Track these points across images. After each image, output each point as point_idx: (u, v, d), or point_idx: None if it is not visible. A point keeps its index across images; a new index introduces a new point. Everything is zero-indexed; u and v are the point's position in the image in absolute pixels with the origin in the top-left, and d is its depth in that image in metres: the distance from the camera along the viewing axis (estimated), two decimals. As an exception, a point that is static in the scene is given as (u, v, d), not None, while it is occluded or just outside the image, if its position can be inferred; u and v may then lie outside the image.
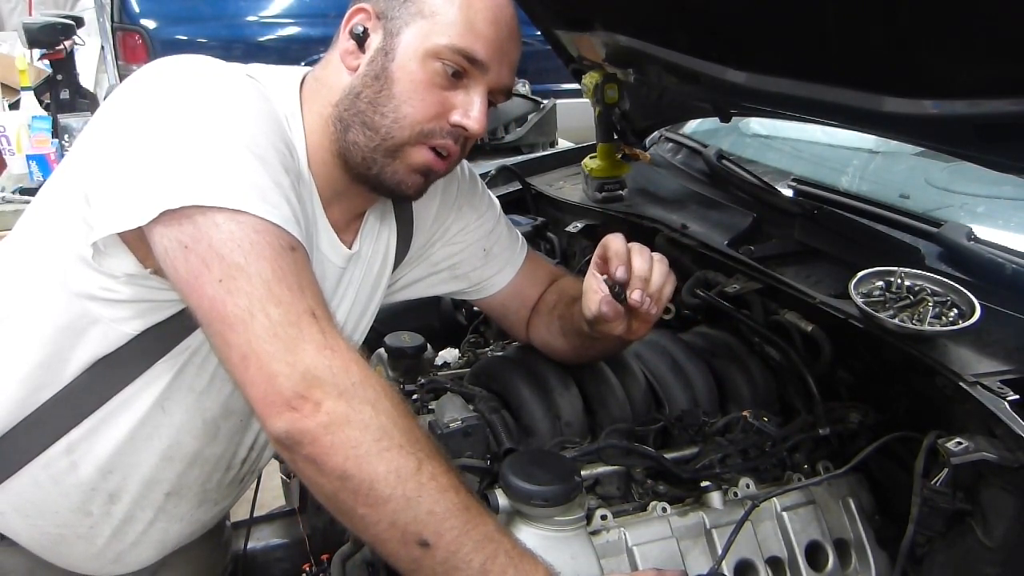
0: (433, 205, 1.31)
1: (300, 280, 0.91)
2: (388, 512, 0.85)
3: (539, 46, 2.14)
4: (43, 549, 1.14)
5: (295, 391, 0.85)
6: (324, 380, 0.86)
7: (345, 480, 0.85)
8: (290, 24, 5.12)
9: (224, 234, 0.89)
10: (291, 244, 0.92)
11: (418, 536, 0.85)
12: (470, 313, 1.86)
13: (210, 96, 0.96)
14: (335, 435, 0.85)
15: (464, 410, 1.25)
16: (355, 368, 0.89)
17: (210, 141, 0.93)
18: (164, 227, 0.90)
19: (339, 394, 0.86)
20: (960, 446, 1.02)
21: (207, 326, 0.91)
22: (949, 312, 1.20)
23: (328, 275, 1.16)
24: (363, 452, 0.85)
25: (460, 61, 1.04)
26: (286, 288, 0.89)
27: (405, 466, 0.86)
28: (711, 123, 2.16)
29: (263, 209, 0.91)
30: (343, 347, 0.90)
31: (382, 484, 0.85)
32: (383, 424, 0.87)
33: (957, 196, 1.69)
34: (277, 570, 1.73)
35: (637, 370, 1.35)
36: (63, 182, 1.06)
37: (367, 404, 0.87)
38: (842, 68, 1.23)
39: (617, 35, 1.70)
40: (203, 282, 0.89)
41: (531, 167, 2.26)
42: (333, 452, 0.85)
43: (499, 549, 0.87)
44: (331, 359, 0.87)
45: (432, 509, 0.86)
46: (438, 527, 0.86)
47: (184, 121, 0.94)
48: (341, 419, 0.85)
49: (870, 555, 1.19)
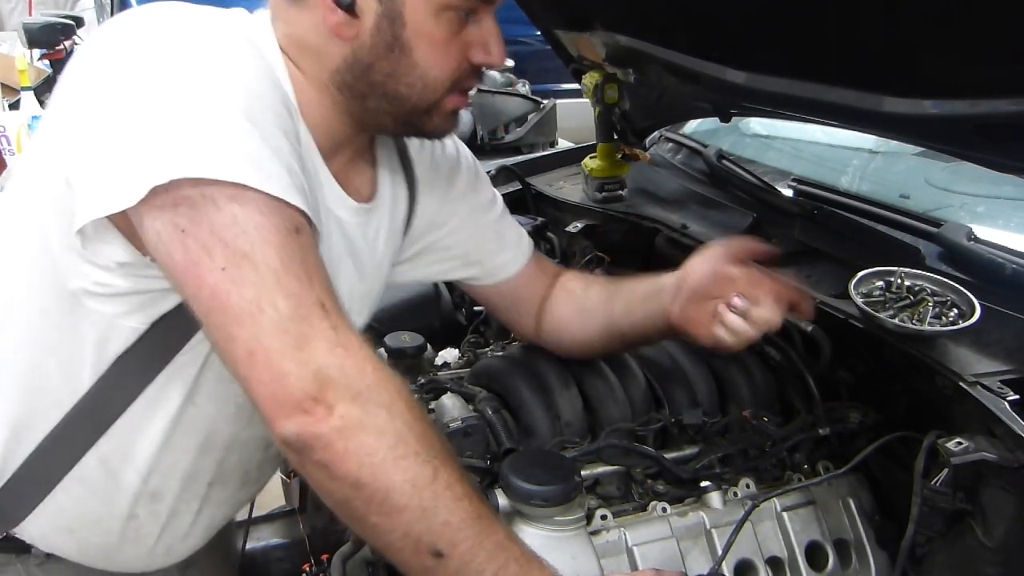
0: (439, 185, 1.26)
1: (308, 267, 0.85)
2: (403, 522, 0.82)
3: (539, 46, 2.14)
4: (93, 559, 1.11)
5: (306, 392, 0.80)
6: (337, 381, 0.81)
7: (359, 488, 0.81)
8: (290, 24, 5.12)
9: (226, 217, 0.81)
10: (296, 224, 0.85)
11: (432, 547, 0.83)
12: (470, 313, 1.86)
13: (195, 51, 0.87)
14: (349, 441, 0.81)
15: (464, 410, 1.25)
16: (369, 368, 0.84)
17: (200, 104, 0.84)
18: (155, 208, 0.82)
19: (353, 397, 0.81)
20: (960, 446, 1.02)
21: (206, 316, 0.84)
22: (949, 312, 1.21)
23: (334, 231, 1.08)
24: (379, 460, 0.81)
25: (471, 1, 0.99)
26: (294, 278, 0.82)
27: (422, 475, 0.82)
28: (711, 123, 2.15)
29: (265, 183, 0.83)
30: (356, 343, 0.84)
31: (397, 494, 0.81)
32: (399, 429, 0.83)
33: (957, 196, 1.69)
34: (277, 570, 1.73)
35: (637, 370, 1.35)
36: (39, 167, 0.95)
37: (382, 408, 0.82)
38: (842, 68, 1.23)
39: (617, 35, 1.70)
40: (204, 270, 0.81)
41: (531, 167, 2.26)
42: (347, 459, 0.81)
43: (510, 558, 0.85)
44: (344, 358, 0.82)
45: (448, 520, 0.83)
46: (453, 537, 0.83)
47: (169, 83, 0.84)
48: (355, 424, 0.81)
49: (870, 555, 1.19)
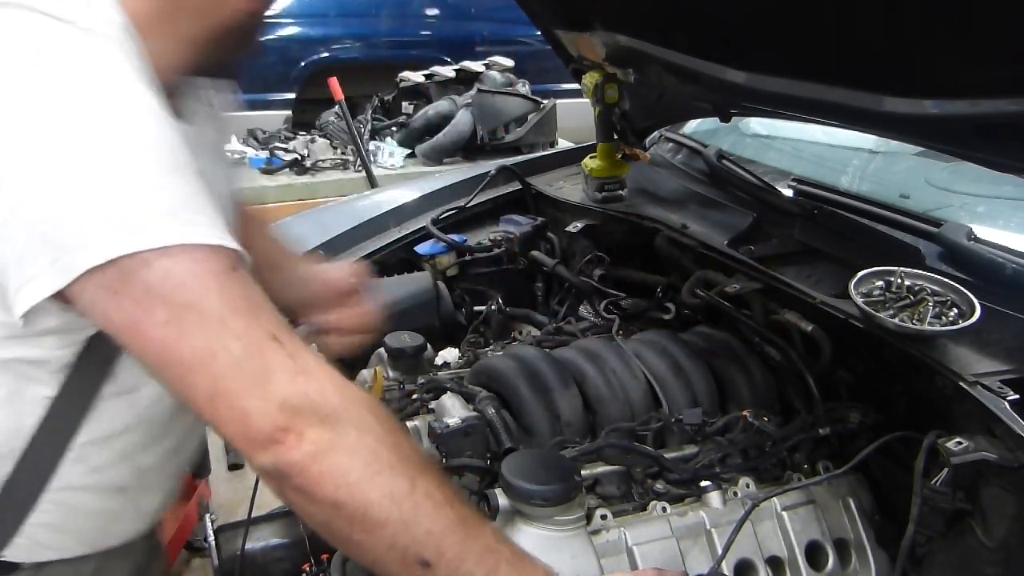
0: None
1: (251, 303, 0.85)
2: (386, 536, 0.84)
3: (539, 46, 2.15)
4: (94, 543, 1.11)
5: (275, 424, 0.81)
6: (303, 408, 0.82)
7: (338, 509, 0.83)
8: (290, 24, 5.12)
9: (159, 273, 0.80)
10: (231, 263, 0.85)
11: (419, 556, 0.84)
12: (470, 313, 1.86)
13: (73, 102, 0.81)
14: (322, 464, 0.82)
15: (464, 410, 1.25)
16: (331, 388, 0.85)
17: (106, 169, 0.80)
18: (84, 278, 0.80)
19: (321, 420, 0.83)
20: (960, 446, 1.02)
21: (160, 371, 0.85)
22: (949, 312, 1.21)
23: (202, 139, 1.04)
24: (354, 479, 0.82)
25: None
26: (241, 318, 0.83)
27: (398, 488, 0.84)
28: (711, 123, 2.16)
29: (191, 234, 0.82)
30: (314, 366, 0.86)
31: (376, 509, 0.83)
32: (370, 445, 0.84)
33: (957, 196, 1.69)
34: (277, 570, 1.73)
35: (637, 370, 1.35)
36: None
37: (351, 427, 0.84)
38: (842, 68, 1.23)
39: (617, 35, 1.70)
40: (145, 327, 0.82)
41: (531, 167, 2.26)
42: (323, 482, 0.82)
43: (500, 559, 0.86)
44: (306, 384, 0.84)
45: (430, 528, 0.84)
46: (438, 545, 0.84)
47: (66, 150, 0.80)
48: (327, 447, 0.82)
49: (870, 555, 1.19)
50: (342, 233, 1.95)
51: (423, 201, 2.12)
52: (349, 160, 3.80)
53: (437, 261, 1.92)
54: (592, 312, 1.71)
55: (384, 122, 4.31)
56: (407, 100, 4.44)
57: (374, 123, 4.24)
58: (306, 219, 2.22)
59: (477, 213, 2.12)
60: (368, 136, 4.07)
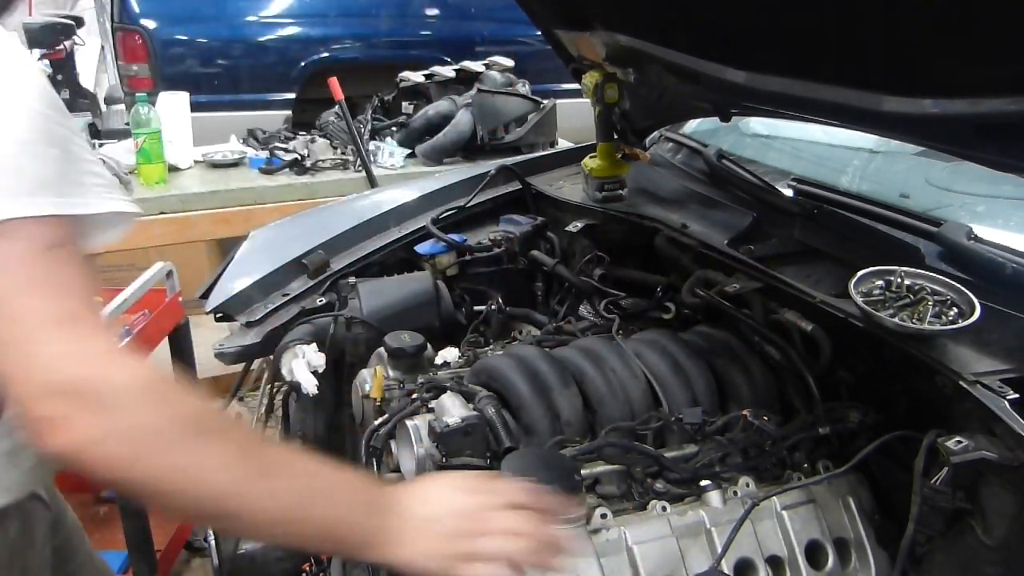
0: None
1: (51, 283, 0.84)
2: (188, 503, 0.85)
3: (539, 46, 2.15)
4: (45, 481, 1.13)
5: (44, 412, 0.80)
6: (74, 394, 0.81)
7: (125, 485, 0.84)
8: (290, 24, 5.12)
9: None
10: (49, 241, 0.85)
11: (223, 512, 0.86)
12: (470, 313, 1.86)
13: None
14: (95, 450, 0.81)
15: (464, 409, 1.25)
16: (113, 372, 0.83)
17: None
18: None
19: (91, 406, 0.81)
20: (960, 445, 1.02)
21: None
22: (949, 311, 1.21)
23: None
24: (128, 463, 0.82)
25: None
26: (28, 299, 0.82)
27: (188, 461, 0.83)
28: (711, 123, 2.15)
29: (9, 207, 0.82)
30: (101, 351, 0.84)
31: (166, 484, 0.83)
32: (151, 426, 0.83)
33: (957, 196, 1.69)
34: (277, 570, 1.73)
35: (637, 369, 1.35)
36: None
37: (127, 410, 0.82)
38: (842, 68, 1.23)
39: (617, 35, 1.70)
40: None
41: (531, 167, 2.26)
42: (99, 466, 0.81)
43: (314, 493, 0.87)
44: (81, 369, 0.82)
45: (226, 491, 0.85)
46: (240, 502, 0.85)
47: None
48: (100, 433, 0.81)
49: (870, 554, 1.19)
50: (342, 233, 1.95)
51: (423, 201, 2.12)
52: (349, 160, 3.79)
53: (437, 261, 1.92)
54: (592, 312, 1.71)
55: (384, 122, 4.30)
56: (407, 100, 4.43)
57: (374, 123, 4.23)
58: (306, 219, 2.21)
59: (477, 213, 2.12)
60: (368, 136, 4.06)
